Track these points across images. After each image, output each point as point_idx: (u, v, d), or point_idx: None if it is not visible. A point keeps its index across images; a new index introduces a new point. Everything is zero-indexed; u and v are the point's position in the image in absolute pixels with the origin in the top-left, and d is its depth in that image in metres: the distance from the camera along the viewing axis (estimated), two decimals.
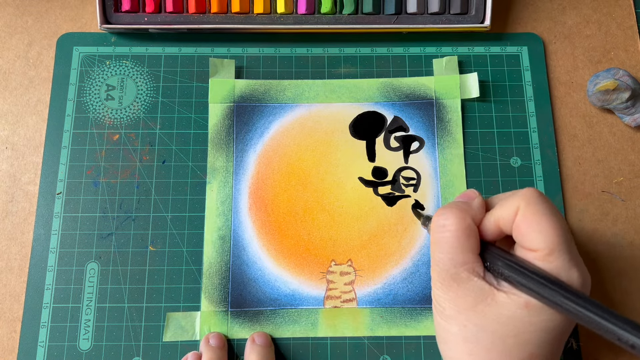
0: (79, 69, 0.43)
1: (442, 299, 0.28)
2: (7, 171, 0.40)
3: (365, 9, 0.42)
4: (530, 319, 0.26)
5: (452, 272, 0.27)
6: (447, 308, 0.28)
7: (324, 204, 0.40)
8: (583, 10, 0.45)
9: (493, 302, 0.26)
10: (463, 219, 0.27)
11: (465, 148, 0.41)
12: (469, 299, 0.27)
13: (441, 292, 0.28)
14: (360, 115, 0.42)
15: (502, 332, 0.26)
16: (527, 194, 0.27)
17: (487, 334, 0.26)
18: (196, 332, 0.37)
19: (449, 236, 0.27)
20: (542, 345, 0.26)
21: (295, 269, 0.38)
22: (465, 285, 0.27)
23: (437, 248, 0.28)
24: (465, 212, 0.28)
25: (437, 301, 0.28)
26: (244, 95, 0.42)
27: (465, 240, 0.27)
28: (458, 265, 0.27)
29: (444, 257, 0.27)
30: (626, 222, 0.40)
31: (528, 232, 0.26)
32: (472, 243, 0.27)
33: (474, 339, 0.26)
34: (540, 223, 0.26)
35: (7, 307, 0.38)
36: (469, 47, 0.44)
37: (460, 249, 0.27)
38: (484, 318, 0.26)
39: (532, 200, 0.26)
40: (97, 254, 0.38)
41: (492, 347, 0.26)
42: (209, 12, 0.43)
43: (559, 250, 0.25)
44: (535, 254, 0.26)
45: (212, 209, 0.39)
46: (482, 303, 0.26)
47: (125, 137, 0.41)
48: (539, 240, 0.26)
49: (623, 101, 0.40)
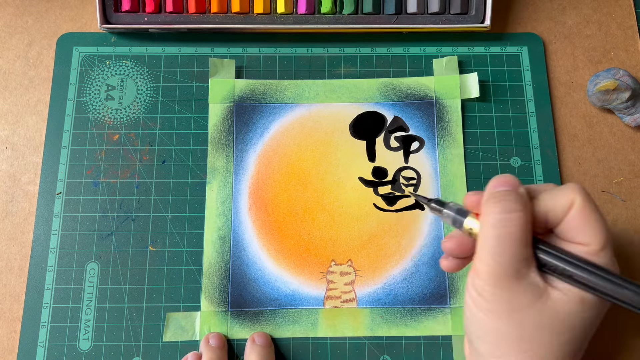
0: (79, 69, 0.43)
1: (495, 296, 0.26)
2: (7, 171, 0.40)
3: (365, 9, 0.42)
4: (584, 314, 0.26)
5: (512, 268, 0.26)
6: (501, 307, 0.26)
7: (324, 204, 0.40)
8: (583, 10, 0.45)
9: (549, 300, 0.26)
10: (528, 211, 0.26)
11: (465, 148, 0.41)
12: (526, 297, 0.26)
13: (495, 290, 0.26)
14: (360, 115, 0.42)
15: (558, 329, 0.26)
16: (580, 189, 0.26)
17: (544, 332, 0.26)
18: (196, 332, 0.37)
19: (515, 230, 0.26)
20: (588, 337, 0.26)
21: (295, 269, 0.38)
22: (523, 282, 0.26)
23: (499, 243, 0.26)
24: (528, 203, 0.26)
25: (487, 300, 0.26)
26: (244, 95, 0.42)
27: (529, 233, 0.26)
28: (519, 260, 0.26)
29: (507, 254, 0.26)
30: (626, 222, 0.40)
31: (585, 225, 0.26)
32: (530, 237, 0.26)
33: (530, 338, 0.26)
34: (597, 218, 0.26)
35: (7, 307, 0.38)
36: (469, 47, 0.44)
37: (523, 242, 0.26)
38: (541, 316, 0.26)
39: (587, 196, 0.26)
40: (97, 254, 0.38)
41: (549, 344, 0.26)
42: (209, 12, 0.43)
43: (609, 245, 0.26)
44: (585, 248, 0.26)
45: (212, 209, 0.39)
46: (539, 301, 0.26)
47: (125, 137, 0.41)
48: (595, 235, 0.26)
49: (623, 101, 0.40)
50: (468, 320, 0.28)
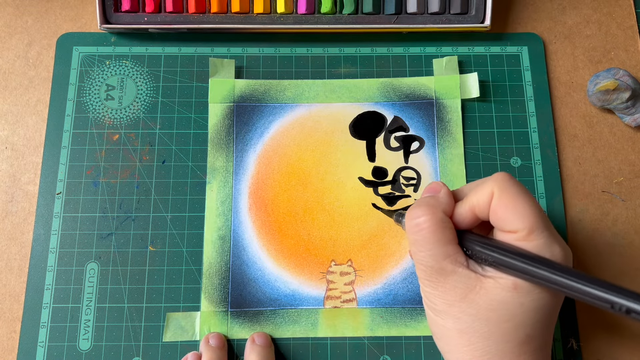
0: (79, 69, 0.43)
1: (432, 295, 0.28)
2: (7, 171, 0.40)
3: (365, 9, 0.42)
4: (521, 300, 0.26)
5: (436, 267, 0.27)
6: (438, 303, 0.28)
7: (324, 204, 0.40)
8: (583, 10, 0.45)
9: (482, 290, 0.26)
10: (434, 214, 0.28)
11: (465, 148, 0.41)
12: (458, 291, 0.27)
13: (430, 289, 0.28)
14: (360, 115, 0.42)
15: (496, 318, 0.26)
16: (498, 178, 0.27)
17: (481, 323, 0.26)
18: (196, 332, 0.37)
19: (424, 233, 0.27)
20: (535, 325, 0.26)
21: (295, 269, 0.38)
22: (451, 278, 0.27)
23: (417, 247, 0.28)
24: (435, 207, 0.28)
25: (428, 298, 0.29)
26: (244, 95, 0.42)
27: (442, 233, 0.27)
28: (440, 259, 0.27)
29: (425, 255, 0.28)
30: (626, 222, 0.40)
31: (505, 214, 0.26)
32: (449, 234, 0.28)
33: (470, 330, 0.27)
34: (517, 204, 0.26)
35: (7, 307, 0.38)
36: (469, 47, 0.44)
37: (438, 243, 0.27)
38: (476, 307, 0.26)
39: (505, 184, 0.27)
40: (97, 254, 0.38)
41: (489, 334, 0.26)
42: (208, 12, 0.43)
43: (537, 228, 0.26)
44: (515, 235, 0.26)
45: (212, 209, 0.39)
46: (472, 292, 0.27)
47: (125, 137, 0.41)
48: (518, 221, 0.26)
49: (623, 101, 0.40)
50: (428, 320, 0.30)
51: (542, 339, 0.27)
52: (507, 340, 0.26)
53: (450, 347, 0.28)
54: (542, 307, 0.26)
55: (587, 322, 0.38)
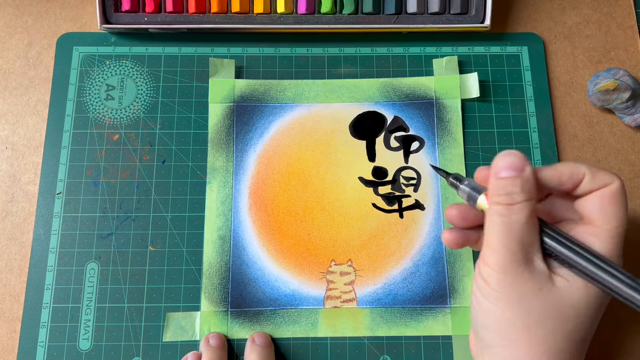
0: (79, 69, 0.43)
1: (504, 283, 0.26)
2: (7, 171, 0.40)
3: (365, 9, 0.42)
4: (588, 301, 0.26)
5: (521, 255, 0.26)
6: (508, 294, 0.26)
7: (324, 204, 0.40)
8: (583, 10, 0.45)
9: (554, 287, 0.26)
10: (534, 201, 0.26)
11: (465, 148, 0.41)
12: (533, 284, 0.26)
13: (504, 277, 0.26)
14: (360, 115, 0.42)
15: (564, 316, 0.25)
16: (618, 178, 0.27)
17: (550, 319, 0.26)
18: (196, 332, 0.37)
19: (522, 217, 0.26)
20: (593, 325, 0.26)
21: (295, 269, 0.38)
22: (530, 269, 0.26)
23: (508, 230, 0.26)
24: (533, 190, 0.26)
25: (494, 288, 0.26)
26: (244, 95, 0.42)
27: (535, 220, 0.26)
28: (528, 247, 0.26)
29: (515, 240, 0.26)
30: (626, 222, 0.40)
31: (611, 207, 0.26)
32: (537, 223, 0.26)
33: (537, 325, 0.26)
34: (625, 206, 0.26)
35: (7, 307, 0.38)
36: (469, 47, 0.44)
37: (531, 229, 0.26)
38: (547, 303, 0.26)
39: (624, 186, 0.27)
40: (97, 254, 0.38)
41: (554, 332, 0.26)
42: (209, 12, 0.43)
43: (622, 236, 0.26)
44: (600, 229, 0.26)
45: (212, 209, 0.39)
46: (545, 287, 0.26)
47: (125, 137, 0.41)
48: (617, 219, 0.26)
49: (623, 101, 0.40)
50: (475, 310, 0.28)
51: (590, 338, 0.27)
52: (568, 339, 0.26)
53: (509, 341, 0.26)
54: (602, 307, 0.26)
55: None
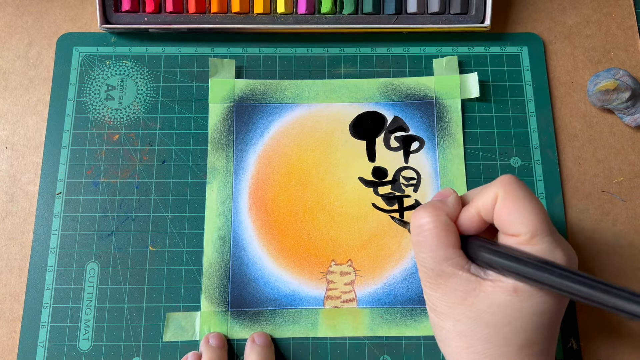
0: (79, 69, 0.43)
1: (433, 297, 0.28)
2: (7, 171, 0.40)
3: (365, 9, 0.42)
4: (521, 304, 0.26)
5: (437, 269, 0.28)
6: (439, 305, 0.28)
7: (324, 204, 0.40)
8: (583, 10, 0.45)
9: (482, 293, 0.27)
10: (438, 217, 0.28)
11: (465, 148, 0.41)
12: (458, 293, 0.27)
13: (431, 291, 0.28)
14: (360, 115, 0.42)
15: (495, 322, 0.26)
16: (504, 181, 0.27)
17: (481, 326, 0.26)
18: (196, 332, 0.37)
19: (427, 235, 0.28)
20: (537, 330, 0.26)
21: (295, 269, 0.38)
22: (452, 280, 0.27)
23: (419, 248, 0.28)
24: (440, 210, 0.28)
25: (429, 300, 0.29)
26: (244, 95, 0.42)
27: (444, 236, 0.28)
28: (441, 262, 0.27)
29: (426, 256, 0.28)
30: (626, 222, 0.40)
31: (509, 218, 0.26)
32: (451, 238, 0.28)
33: (469, 332, 0.27)
34: (520, 208, 0.26)
35: (7, 307, 0.38)
36: (469, 47, 0.44)
37: (440, 245, 0.28)
38: (475, 310, 0.27)
39: (510, 187, 0.27)
40: (97, 254, 0.38)
41: (488, 338, 0.26)
42: (209, 12, 0.43)
43: (541, 233, 0.26)
44: (518, 239, 0.26)
45: (212, 209, 0.39)
46: (471, 295, 0.27)
47: (125, 137, 0.41)
48: (521, 224, 0.26)
49: (623, 101, 0.40)
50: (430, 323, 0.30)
51: (544, 344, 0.27)
52: (507, 344, 0.26)
53: (451, 348, 0.28)
54: (543, 312, 0.26)
55: (587, 322, 0.38)
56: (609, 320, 0.38)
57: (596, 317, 0.38)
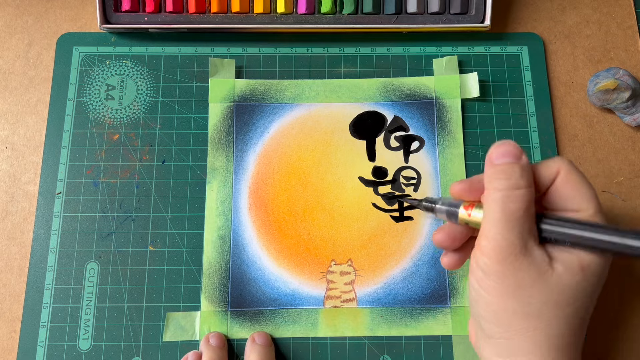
0: (79, 68, 0.43)
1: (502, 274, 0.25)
2: (7, 171, 0.40)
3: (365, 8, 0.42)
4: (585, 283, 0.25)
5: (520, 244, 0.25)
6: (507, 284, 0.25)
7: (324, 204, 0.40)
8: (583, 10, 0.45)
9: (553, 273, 0.25)
10: (533, 188, 0.26)
11: (465, 148, 0.41)
12: (532, 272, 0.25)
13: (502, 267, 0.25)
14: (360, 115, 0.42)
15: (562, 302, 0.25)
16: (564, 160, 0.27)
17: (550, 307, 0.25)
18: (196, 332, 0.37)
19: (522, 206, 0.25)
20: (588, 309, 0.26)
21: (295, 269, 0.38)
22: (528, 257, 0.25)
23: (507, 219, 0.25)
24: (532, 178, 0.26)
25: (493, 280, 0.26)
26: (244, 95, 0.42)
27: (533, 208, 0.26)
28: (527, 235, 0.25)
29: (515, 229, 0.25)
30: (626, 222, 0.40)
31: (573, 192, 0.26)
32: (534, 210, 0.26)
33: (537, 314, 0.25)
34: (583, 185, 0.26)
35: (7, 307, 0.38)
36: (469, 47, 0.44)
37: (531, 217, 0.25)
38: (546, 291, 0.25)
39: (571, 166, 0.26)
40: (97, 253, 0.38)
41: (554, 318, 0.25)
42: (209, 12, 0.43)
43: (600, 211, 0.26)
44: (579, 214, 0.26)
45: (212, 208, 0.39)
46: (544, 275, 0.25)
47: (125, 137, 0.41)
48: (584, 201, 0.26)
49: (623, 101, 0.40)
50: (474, 301, 0.27)
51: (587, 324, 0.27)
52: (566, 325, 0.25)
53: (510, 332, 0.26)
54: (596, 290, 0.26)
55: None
56: (609, 320, 0.38)
57: (596, 317, 0.38)
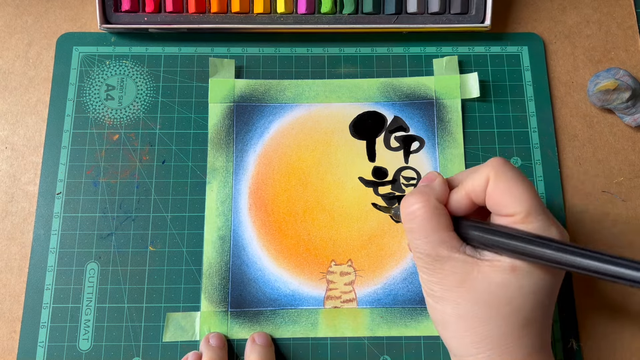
0: (79, 68, 0.43)
1: (430, 282, 0.28)
2: (7, 171, 0.40)
3: (365, 8, 0.42)
4: (520, 283, 0.26)
5: (433, 253, 0.27)
6: (436, 290, 0.28)
7: (324, 204, 0.40)
8: (583, 10, 0.45)
9: (479, 274, 0.26)
10: (428, 201, 0.28)
11: (465, 148, 0.41)
12: (455, 276, 0.27)
13: (427, 276, 0.28)
14: (360, 115, 0.42)
15: (495, 302, 0.26)
16: (494, 163, 0.27)
17: (480, 307, 0.26)
18: (196, 332, 0.37)
19: (419, 221, 0.28)
20: (534, 308, 0.26)
21: (295, 269, 0.38)
22: (448, 264, 0.27)
23: (412, 235, 0.28)
24: (428, 194, 0.28)
25: (426, 286, 0.29)
26: (244, 95, 0.42)
27: (436, 220, 0.28)
28: (436, 246, 0.27)
29: (420, 242, 0.28)
30: (626, 222, 0.40)
31: (502, 198, 0.27)
32: (443, 221, 0.28)
33: (469, 314, 0.27)
34: (513, 188, 0.26)
35: (7, 307, 0.38)
36: (469, 47, 0.44)
37: (433, 229, 0.27)
38: (474, 292, 0.26)
39: (501, 168, 0.27)
40: (97, 254, 0.38)
41: (489, 318, 0.26)
42: (209, 12, 0.43)
43: (535, 211, 0.26)
44: (512, 218, 0.27)
45: (212, 209, 0.39)
46: (470, 277, 0.27)
47: (125, 137, 0.41)
48: (515, 204, 0.26)
49: (623, 101, 0.40)
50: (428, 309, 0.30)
51: (542, 323, 0.27)
52: (507, 324, 0.26)
53: (450, 332, 0.28)
54: (540, 289, 0.26)
55: (587, 322, 0.38)
56: (609, 320, 0.38)
57: (596, 317, 0.38)
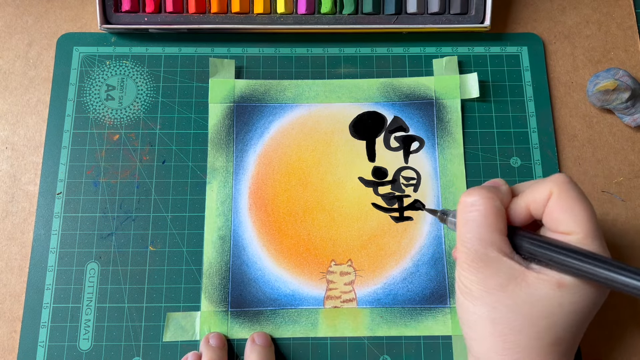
0: (79, 69, 0.43)
1: (470, 280, 0.27)
2: (7, 171, 0.40)
3: (365, 9, 0.42)
4: (562, 300, 0.25)
5: (481, 252, 0.27)
6: (475, 290, 0.27)
7: (324, 204, 0.40)
8: (583, 10, 0.45)
9: (524, 283, 0.26)
10: (491, 199, 0.27)
11: (465, 148, 0.41)
12: (498, 279, 0.26)
13: (468, 274, 0.27)
14: (360, 115, 0.42)
15: (533, 314, 0.25)
16: (559, 180, 0.27)
17: (517, 316, 0.26)
18: (196, 332, 0.37)
19: (477, 215, 0.27)
20: (569, 328, 0.26)
21: (295, 269, 0.38)
22: (494, 265, 0.26)
23: (465, 228, 0.27)
24: (494, 194, 0.28)
25: (464, 283, 0.28)
26: (244, 95, 0.42)
27: (494, 219, 0.27)
28: (487, 245, 0.27)
29: (472, 237, 0.27)
30: (626, 222, 0.40)
31: (563, 215, 0.26)
32: (500, 224, 0.27)
33: (504, 321, 0.26)
34: (575, 208, 0.26)
35: (7, 307, 0.38)
36: (469, 47, 0.44)
37: (488, 228, 0.27)
38: (514, 299, 0.26)
39: (565, 186, 0.26)
40: (97, 254, 0.38)
41: (522, 329, 0.26)
42: (209, 12, 0.43)
43: (592, 235, 0.26)
44: (568, 237, 0.26)
45: (212, 209, 0.39)
46: (513, 283, 0.26)
47: (125, 137, 0.41)
48: (574, 224, 0.26)
49: (623, 101, 0.40)
50: (457, 306, 0.29)
51: (570, 344, 0.27)
52: (538, 338, 0.26)
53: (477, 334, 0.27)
54: (580, 309, 0.26)
55: None
56: (609, 320, 0.38)
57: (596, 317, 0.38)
